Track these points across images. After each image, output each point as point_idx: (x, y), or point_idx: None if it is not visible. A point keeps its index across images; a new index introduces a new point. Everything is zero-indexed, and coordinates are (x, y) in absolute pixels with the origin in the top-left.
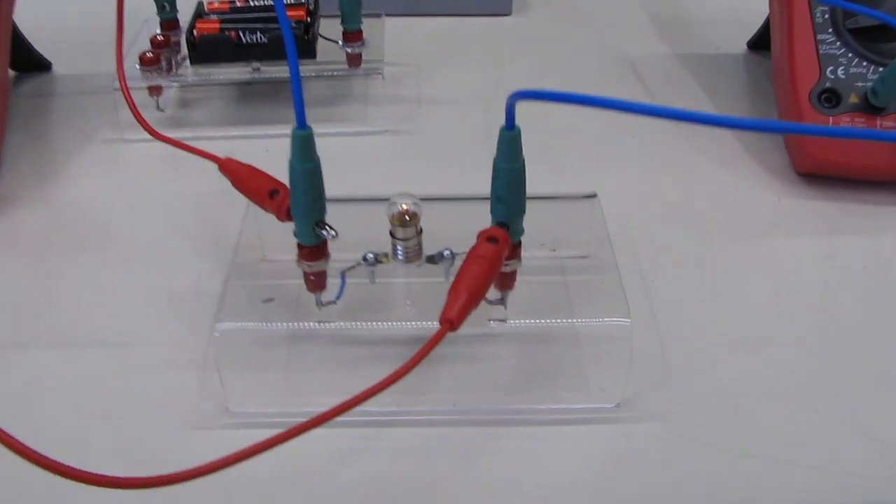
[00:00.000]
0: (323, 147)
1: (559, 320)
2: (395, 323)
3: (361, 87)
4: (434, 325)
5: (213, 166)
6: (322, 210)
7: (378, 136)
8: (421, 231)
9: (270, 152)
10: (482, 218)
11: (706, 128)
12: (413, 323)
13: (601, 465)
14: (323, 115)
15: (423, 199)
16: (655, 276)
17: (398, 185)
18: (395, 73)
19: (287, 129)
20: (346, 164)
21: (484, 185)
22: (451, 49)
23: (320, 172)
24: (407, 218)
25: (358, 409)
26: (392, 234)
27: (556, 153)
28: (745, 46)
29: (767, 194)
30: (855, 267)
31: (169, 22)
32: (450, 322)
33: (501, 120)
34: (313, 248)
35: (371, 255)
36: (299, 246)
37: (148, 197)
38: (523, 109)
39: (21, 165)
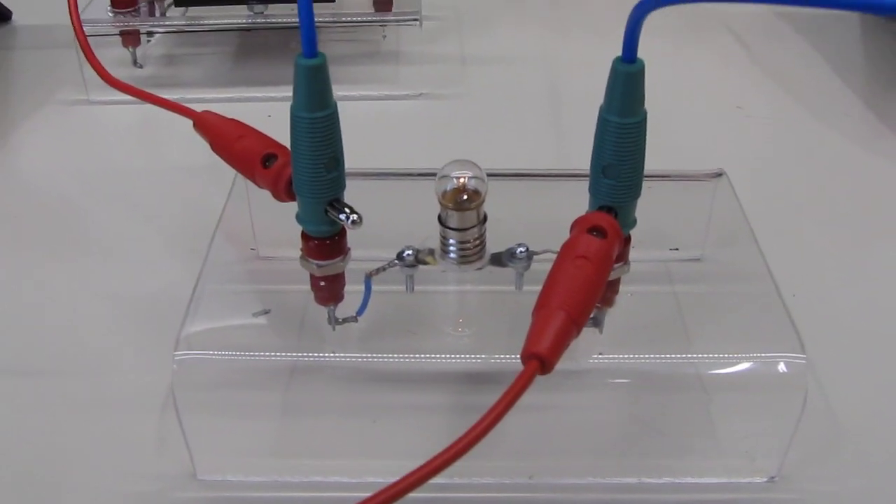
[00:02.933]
0: (344, 113)
1: (688, 356)
2: (443, 357)
3: (392, 42)
4: (504, 361)
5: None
6: (339, 184)
7: (413, 100)
8: (485, 219)
9: (274, 117)
10: (568, 201)
11: (830, 94)
12: (471, 357)
13: None
14: (345, 74)
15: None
16: (794, 288)
17: (439, 159)
18: (434, 28)
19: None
20: (373, 133)
21: (551, 164)
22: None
23: (337, 125)
24: (465, 197)
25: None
26: (442, 222)
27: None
28: None
29: None
30: None
31: None
32: (539, 360)
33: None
34: (325, 241)
35: (410, 253)
36: (305, 236)
37: (113, 171)
38: (588, 77)
39: None
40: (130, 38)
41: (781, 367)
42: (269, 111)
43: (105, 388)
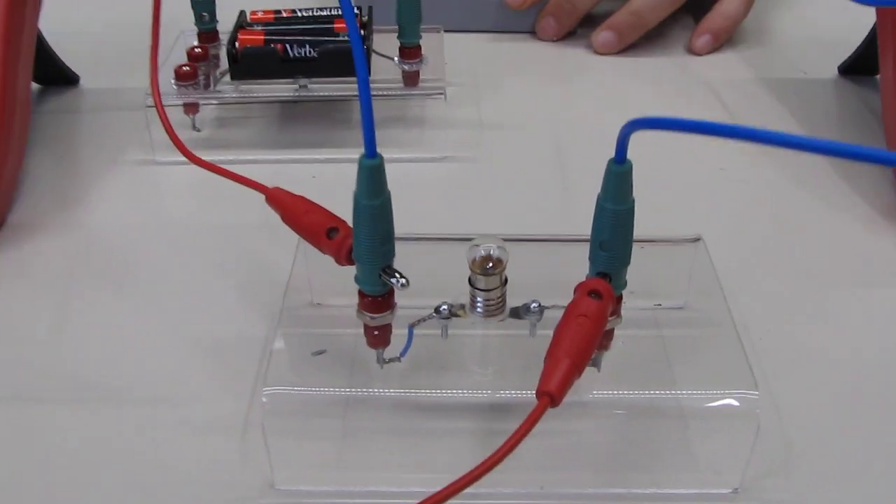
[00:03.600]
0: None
1: (670, 392)
2: (470, 392)
3: (417, 109)
4: (521, 395)
5: (259, 196)
6: (390, 254)
7: (437, 163)
8: (506, 280)
9: (318, 179)
10: (570, 262)
11: (804, 161)
12: (494, 392)
13: None
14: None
15: (515, 238)
16: (762, 333)
17: (461, 219)
18: (454, 94)
19: (336, 154)
20: (402, 193)
21: (559, 223)
22: (515, 68)
23: (390, 209)
24: (490, 265)
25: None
26: (472, 283)
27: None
28: (837, 71)
29: (880, 239)
30: None
31: (208, 33)
32: (550, 396)
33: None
34: (378, 298)
35: (446, 308)
36: (361, 294)
37: (183, 228)
38: (591, 140)
39: (43, 188)
40: (191, 107)
41: (739, 401)
42: (312, 172)
43: (189, 414)
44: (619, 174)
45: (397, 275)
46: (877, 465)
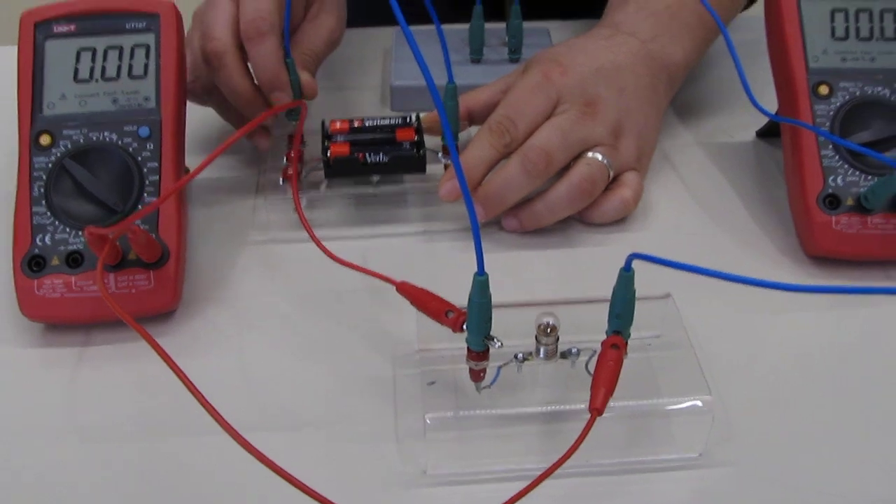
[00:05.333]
0: (421, 246)
1: (655, 401)
2: (543, 407)
3: None
4: (577, 408)
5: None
6: (490, 326)
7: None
8: (557, 338)
9: (396, 251)
10: (590, 317)
11: (728, 212)
12: (557, 406)
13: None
14: (432, 212)
15: (539, 304)
16: (709, 350)
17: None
18: None
19: (403, 229)
20: (458, 262)
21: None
22: None
23: (490, 302)
24: (549, 330)
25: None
26: (537, 339)
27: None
28: (755, 135)
29: (784, 273)
30: (858, 334)
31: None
32: (597, 410)
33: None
34: (481, 352)
35: (521, 355)
36: (469, 350)
37: (311, 293)
38: None
39: (193, 267)
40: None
41: (701, 402)
42: (391, 245)
43: (352, 429)
44: (626, 278)
45: (495, 339)
46: (788, 435)
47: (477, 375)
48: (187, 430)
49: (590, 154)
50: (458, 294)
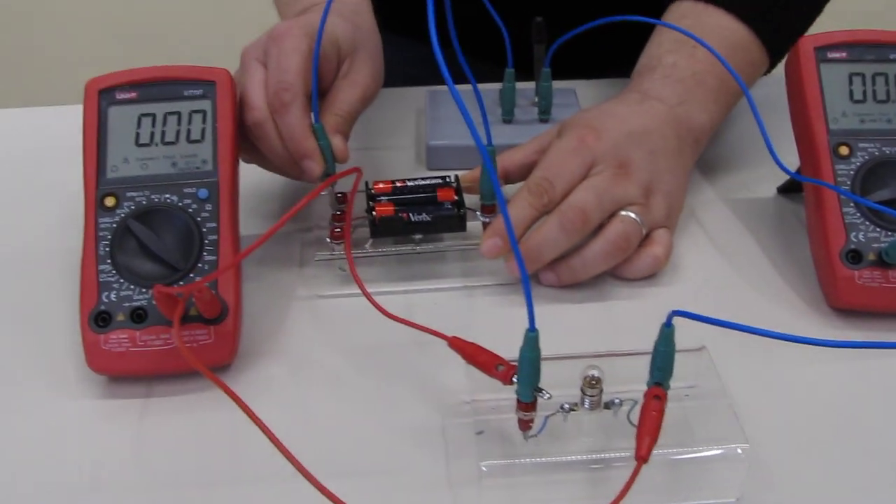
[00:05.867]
0: (462, 301)
1: (694, 448)
2: (588, 454)
3: None
4: (623, 455)
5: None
6: (538, 379)
7: (509, 286)
8: (602, 389)
9: (438, 304)
10: (628, 369)
11: (752, 263)
12: (603, 454)
13: None
14: (462, 269)
15: (583, 356)
16: (743, 399)
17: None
18: None
19: (443, 284)
20: (501, 314)
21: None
22: None
23: (540, 357)
24: (594, 382)
25: None
26: (582, 391)
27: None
28: (776, 191)
29: (809, 324)
30: (887, 385)
31: (341, 196)
32: (643, 458)
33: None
34: (530, 403)
35: (567, 405)
36: (518, 401)
37: (358, 347)
38: None
39: (248, 323)
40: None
41: (738, 449)
42: (435, 300)
43: (408, 480)
44: (667, 333)
45: (544, 391)
46: (821, 483)
47: (526, 425)
48: (248, 478)
49: (623, 213)
50: (498, 346)
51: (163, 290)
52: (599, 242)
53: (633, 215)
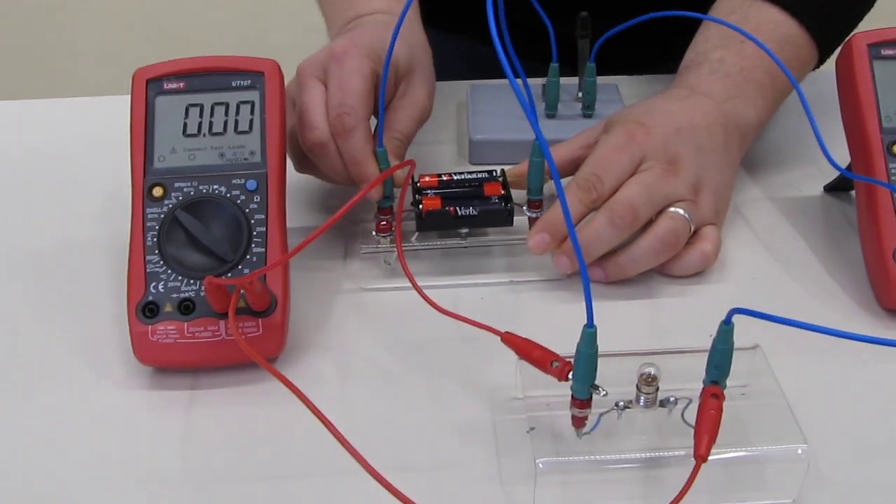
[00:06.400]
0: (508, 296)
1: (753, 447)
2: (644, 452)
3: None
4: (681, 454)
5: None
6: (595, 376)
7: (555, 281)
8: (658, 387)
9: (485, 300)
10: (681, 366)
11: (804, 264)
12: (659, 452)
13: None
14: (508, 264)
15: (639, 353)
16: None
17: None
18: None
19: (489, 279)
20: (542, 309)
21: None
22: None
23: (597, 353)
24: (650, 380)
25: None
26: (638, 388)
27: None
28: (822, 189)
29: (863, 326)
30: None
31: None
32: (702, 457)
33: None
34: (585, 400)
35: (622, 403)
36: (573, 398)
37: (405, 341)
38: None
39: (295, 317)
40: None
41: (798, 448)
42: (481, 295)
43: (458, 475)
44: (726, 330)
45: (600, 388)
46: (879, 484)
47: (580, 422)
48: (296, 473)
49: (672, 209)
50: (545, 341)
51: (214, 282)
52: (648, 239)
53: (681, 212)
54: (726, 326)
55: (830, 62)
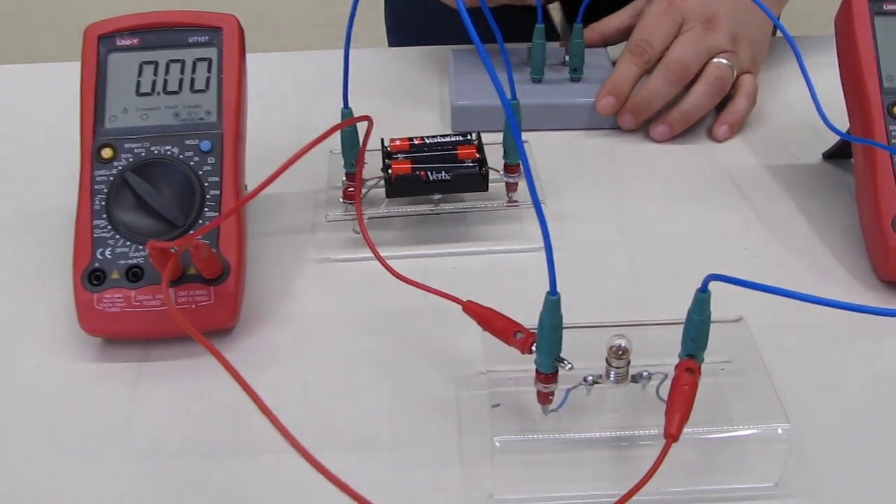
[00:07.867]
0: (482, 265)
1: (730, 427)
2: (613, 431)
3: (514, 210)
4: (651, 433)
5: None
6: (560, 348)
7: (535, 252)
8: (629, 361)
9: (457, 270)
10: (659, 340)
11: (801, 237)
12: (627, 430)
13: None
14: (484, 232)
15: (610, 325)
16: (784, 376)
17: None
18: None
19: (463, 248)
20: (508, 279)
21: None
22: (587, 163)
23: (562, 324)
24: (621, 353)
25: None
26: (608, 362)
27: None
28: (821, 157)
29: (858, 298)
30: None
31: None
32: (673, 436)
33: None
34: (550, 374)
35: (590, 377)
36: (537, 372)
37: (369, 313)
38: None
39: (251, 286)
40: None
41: (779, 429)
42: (452, 264)
43: (415, 453)
44: (702, 299)
45: (565, 361)
46: (867, 465)
47: (545, 398)
48: (244, 448)
49: (716, 60)
50: (520, 314)
51: (157, 245)
52: (702, 85)
53: (724, 61)
54: (702, 294)
55: (830, 20)
